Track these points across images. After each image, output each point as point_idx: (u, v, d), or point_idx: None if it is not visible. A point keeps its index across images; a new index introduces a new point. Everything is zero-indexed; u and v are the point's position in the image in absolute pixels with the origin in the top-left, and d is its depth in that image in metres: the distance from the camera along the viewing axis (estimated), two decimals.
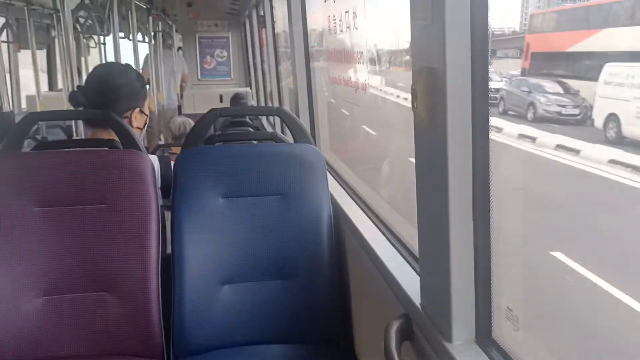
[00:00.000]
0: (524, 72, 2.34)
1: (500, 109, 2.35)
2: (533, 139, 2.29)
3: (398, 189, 3.14)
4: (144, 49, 6.25)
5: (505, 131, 2.27)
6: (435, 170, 1.14)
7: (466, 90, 1.08)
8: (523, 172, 2.19)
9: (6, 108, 2.39)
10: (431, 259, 1.24)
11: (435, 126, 1.11)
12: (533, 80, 2.35)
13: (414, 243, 1.44)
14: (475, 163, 1.10)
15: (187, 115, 4.50)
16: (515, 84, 2.39)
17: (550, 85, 2.30)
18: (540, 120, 2.32)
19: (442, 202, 1.12)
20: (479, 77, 1.08)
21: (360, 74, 2.33)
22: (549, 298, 2.17)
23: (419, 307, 1.28)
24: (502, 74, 2.33)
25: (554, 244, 2.37)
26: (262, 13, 5.47)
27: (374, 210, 2.01)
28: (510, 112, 2.41)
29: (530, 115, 2.34)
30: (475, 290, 1.15)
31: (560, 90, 2.25)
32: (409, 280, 1.41)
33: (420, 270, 1.32)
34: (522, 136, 2.30)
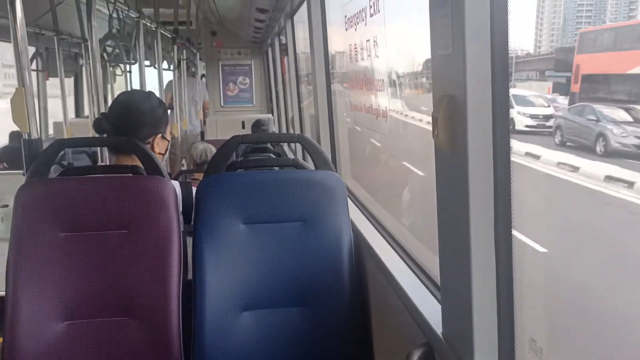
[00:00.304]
0: (573, 97, 2.06)
1: (557, 140, 2.08)
2: (630, 184, 1.86)
3: (419, 215, 3.11)
4: (167, 77, 6.37)
5: (584, 171, 1.94)
6: (456, 198, 1.14)
7: (487, 118, 1.08)
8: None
9: (34, 135, 2.44)
10: (453, 287, 1.23)
11: (456, 154, 1.11)
12: (599, 107, 2.05)
13: (435, 270, 1.43)
14: (497, 191, 1.10)
15: (210, 142, 4.56)
16: (576, 111, 2.08)
17: (614, 113, 1.99)
18: (614, 155, 1.94)
19: (463, 230, 1.12)
20: (500, 104, 1.08)
21: (381, 101, 2.35)
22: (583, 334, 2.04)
23: (441, 335, 1.27)
24: (547, 99, 2.10)
25: None
26: (284, 41, 5.56)
27: (395, 237, 2.00)
28: (570, 144, 2.10)
29: (599, 148, 2.00)
30: (498, 319, 1.13)
31: (629, 118, 1.95)
32: (431, 309, 1.39)
33: (441, 298, 1.31)
34: (610, 179, 1.89)
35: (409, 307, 1.48)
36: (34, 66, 5.90)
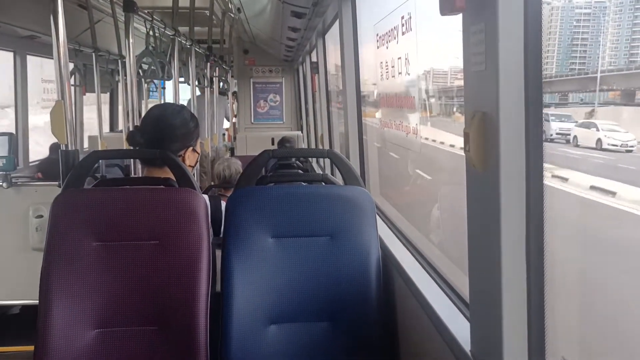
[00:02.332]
0: None
1: None
2: None
3: (448, 232, 3.08)
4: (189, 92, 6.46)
5: None
6: (487, 215, 1.14)
7: (519, 135, 1.08)
8: None
9: (71, 147, 2.51)
10: (482, 305, 1.22)
11: (488, 170, 1.11)
12: None
13: (463, 288, 1.42)
14: (529, 208, 1.09)
15: (240, 157, 4.61)
16: None
17: None
18: None
19: (494, 248, 1.11)
20: (533, 122, 1.08)
21: (412, 118, 2.35)
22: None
23: (469, 354, 1.25)
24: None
25: None
26: (315, 59, 5.63)
27: (423, 254, 1.99)
28: None
29: None
30: (528, 338, 1.12)
31: None
32: (459, 326, 1.38)
33: (470, 316, 1.30)
34: None
35: (437, 324, 1.46)
36: (72, 81, 6.09)
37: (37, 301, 1.85)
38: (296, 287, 1.97)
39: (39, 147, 5.67)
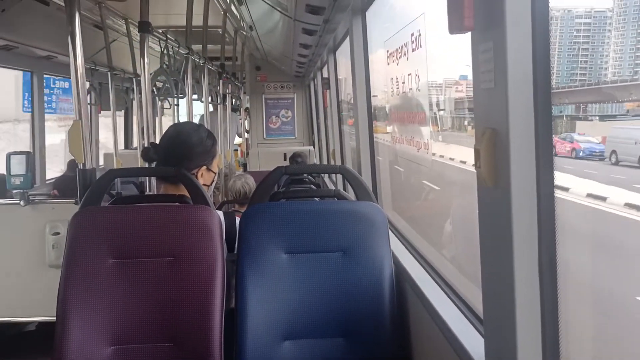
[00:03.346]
0: None
1: None
2: None
3: (460, 246, 3.07)
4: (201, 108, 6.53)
5: None
6: (499, 231, 1.14)
7: (530, 151, 1.09)
8: None
9: (89, 165, 2.56)
10: (496, 321, 1.22)
11: (499, 186, 1.12)
12: None
13: (477, 303, 1.42)
14: (541, 224, 1.10)
15: (253, 173, 4.65)
16: None
17: None
18: None
19: (506, 264, 1.11)
20: (543, 138, 1.09)
21: (423, 133, 2.36)
22: None
23: None
24: None
25: None
26: (326, 75, 5.67)
27: (437, 269, 1.99)
28: None
29: None
30: (542, 354, 1.12)
31: None
32: (473, 343, 1.38)
33: (484, 333, 1.30)
34: None
35: (451, 340, 1.46)
36: (88, 100, 6.18)
37: (54, 318, 1.88)
38: (310, 303, 1.98)
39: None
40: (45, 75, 5.36)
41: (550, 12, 1.11)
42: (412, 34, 2.19)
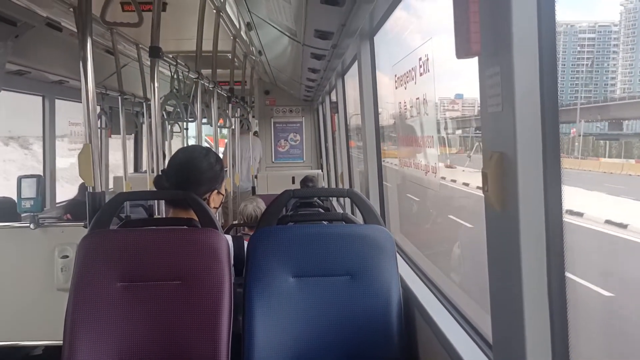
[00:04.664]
0: None
1: None
2: None
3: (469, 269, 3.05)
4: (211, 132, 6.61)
5: None
6: (507, 255, 1.13)
7: (538, 174, 1.09)
8: None
9: (98, 188, 2.57)
10: (505, 348, 1.20)
11: (507, 210, 1.11)
12: None
13: (486, 327, 1.40)
14: (549, 248, 1.09)
15: (261, 196, 4.66)
16: None
17: None
18: None
19: (515, 289, 1.10)
20: (551, 161, 1.08)
21: (430, 157, 2.37)
22: None
23: None
24: None
25: None
26: (334, 99, 5.71)
27: (445, 294, 1.97)
28: None
29: None
30: None
31: None
32: None
33: (494, 359, 1.28)
34: None
35: None
36: (98, 124, 6.24)
37: (60, 342, 1.87)
38: (317, 327, 1.96)
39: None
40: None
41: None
42: (420, 59, 2.21)
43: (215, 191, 2.20)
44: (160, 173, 2.25)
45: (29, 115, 5.46)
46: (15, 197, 3.10)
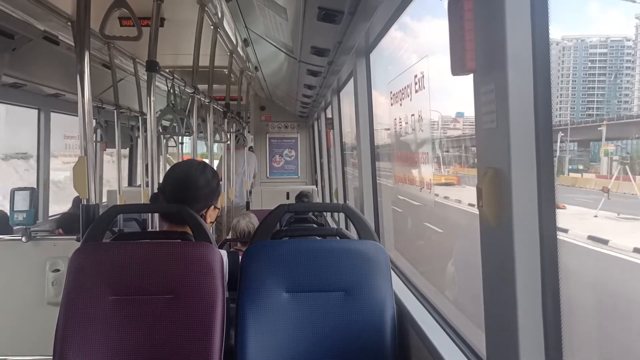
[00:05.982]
0: None
1: None
2: None
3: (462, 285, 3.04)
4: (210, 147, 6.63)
5: None
6: (501, 270, 1.13)
7: (532, 190, 1.09)
8: None
9: (92, 201, 2.56)
10: None
11: (501, 225, 1.12)
12: None
13: (479, 344, 1.40)
14: (544, 263, 1.09)
15: (255, 212, 4.65)
16: None
17: None
18: None
19: (509, 304, 1.10)
20: (545, 177, 1.09)
21: (425, 174, 2.37)
22: None
23: None
24: None
25: None
26: (330, 115, 5.74)
27: (439, 310, 1.97)
28: None
29: None
30: None
31: None
32: None
33: None
34: None
35: None
36: (94, 137, 6.24)
37: (51, 357, 1.85)
38: (310, 342, 1.95)
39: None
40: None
41: (562, 42, 1.14)
42: (415, 76, 2.23)
43: (212, 207, 2.20)
44: (155, 187, 2.24)
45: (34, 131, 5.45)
46: (7, 210, 3.08)
